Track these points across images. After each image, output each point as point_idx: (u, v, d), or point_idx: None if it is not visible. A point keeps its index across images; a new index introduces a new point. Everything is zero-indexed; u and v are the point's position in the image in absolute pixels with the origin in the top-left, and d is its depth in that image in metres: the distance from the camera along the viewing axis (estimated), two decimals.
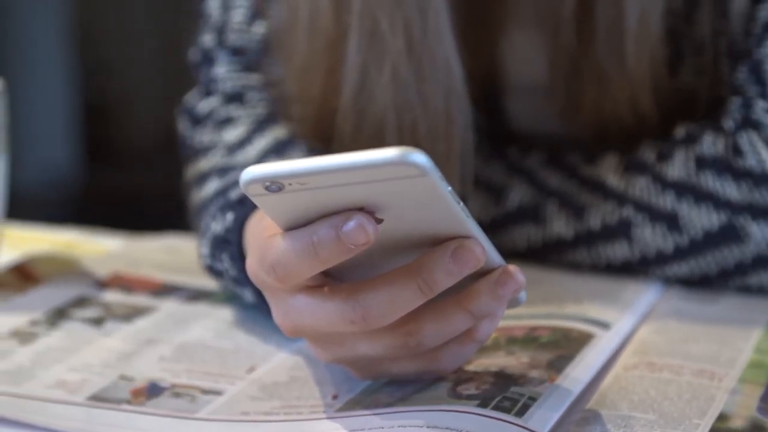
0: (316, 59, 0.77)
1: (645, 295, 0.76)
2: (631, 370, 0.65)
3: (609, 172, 0.79)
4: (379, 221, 0.54)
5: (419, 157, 0.50)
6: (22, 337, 0.71)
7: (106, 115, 3.46)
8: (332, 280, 0.58)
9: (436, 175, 0.51)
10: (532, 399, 0.59)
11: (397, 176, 0.51)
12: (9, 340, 0.70)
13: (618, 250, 0.78)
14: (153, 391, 0.64)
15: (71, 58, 3.30)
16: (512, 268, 0.58)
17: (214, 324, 0.73)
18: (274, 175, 0.52)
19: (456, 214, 0.54)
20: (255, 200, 0.54)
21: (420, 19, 0.74)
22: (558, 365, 0.63)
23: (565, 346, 0.66)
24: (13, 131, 0.82)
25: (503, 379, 0.61)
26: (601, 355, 0.66)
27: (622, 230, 0.77)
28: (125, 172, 3.33)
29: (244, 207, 0.71)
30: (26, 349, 0.69)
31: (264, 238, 0.57)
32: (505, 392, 0.59)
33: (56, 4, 3.26)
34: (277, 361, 0.68)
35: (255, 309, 0.74)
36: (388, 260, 0.57)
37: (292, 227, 0.55)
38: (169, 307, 0.76)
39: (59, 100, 3.25)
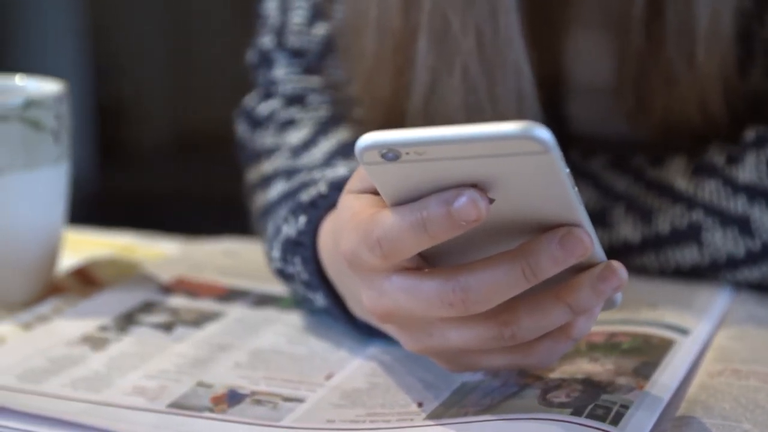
0: (385, 61, 0.76)
1: (718, 299, 0.75)
2: (716, 377, 0.64)
3: (677, 175, 0.78)
4: (490, 201, 0.53)
5: (544, 133, 0.49)
6: (94, 342, 0.70)
7: (119, 116, 3.46)
8: (427, 265, 0.57)
9: (557, 154, 0.50)
10: (624, 407, 0.58)
11: (518, 152, 0.50)
12: (81, 345, 0.70)
13: (687, 255, 0.77)
14: (233, 398, 0.63)
15: (84, 60, 3.30)
16: (615, 263, 0.56)
17: (284, 329, 0.73)
18: (394, 143, 0.51)
19: (569, 199, 0.53)
20: (367, 169, 0.53)
21: (491, 20, 0.73)
22: (644, 372, 0.63)
23: (647, 352, 0.65)
24: None
25: (592, 386, 0.60)
26: (684, 361, 0.65)
27: (691, 234, 0.77)
28: (138, 172, 3.33)
29: (317, 209, 0.70)
30: (100, 354, 0.68)
31: (368, 214, 0.56)
32: (596, 400, 0.59)
33: (69, 5, 3.25)
34: (354, 368, 0.67)
35: (323, 314, 0.73)
36: (489, 247, 0.55)
37: (399, 202, 0.54)
38: (236, 312, 0.76)
39: (72, 101, 3.24)
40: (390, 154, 0.51)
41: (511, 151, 0.50)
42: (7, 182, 0.74)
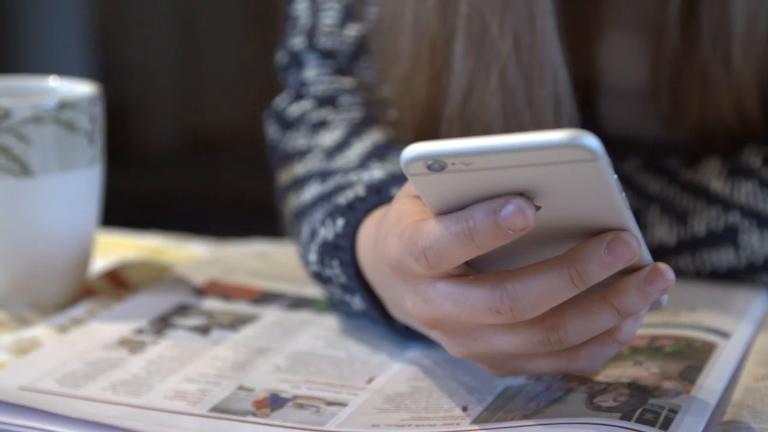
0: (421, 64, 0.75)
1: (756, 302, 0.74)
2: (761, 381, 0.63)
3: (712, 176, 0.78)
4: (536, 209, 0.52)
5: (592, 141, 0.49)
6: (131, 346, 0.70)
7: (126, 117, 3.45)
8: (472, 271, 0.57)
9: (605, 161, 0.50)
10: (673, 411, 0.58)
11: (566, 160, 0.50)
12: (119, 349, 0.69)
13: (723, 257, 0.77)
14: (275, 402, 0.63)
15: (91, 61, 3.29)
16: (662, 266, 0.56)
17: (322, 333, 0.72)
18: (440, 154, 0.50)
19: (617, 204, 0.53)
20: (412, 180, 0.52)
21: (529, 23, 0.73)
22: (689, 376, 0.62)
23: (690, 356, 0.65)
24: None
25: (639, 390, 0.60)
26: (727, 365, 0.65)
27: (728, 236, 0.76)
28: (145, 173, 3.33)
29: (355, 212, 0.69)
30: (137, 358, 0.68)
31: (413, 221, 0.55)
32: (644, 404, 0.58)
33: (78, 7, 3.25)
34: (395, 371, 0.66)
35: (360, 317, 0.73)
36: (535, 252, 0.55)
37: (444, 211, 0.54)
38: (272, 315, 0.75)
39: None
40: (436, 165, 0.51)
41: (559, 160, 0.50)
42: (41, 184, 0.73)
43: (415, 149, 0.51)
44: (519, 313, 0.54)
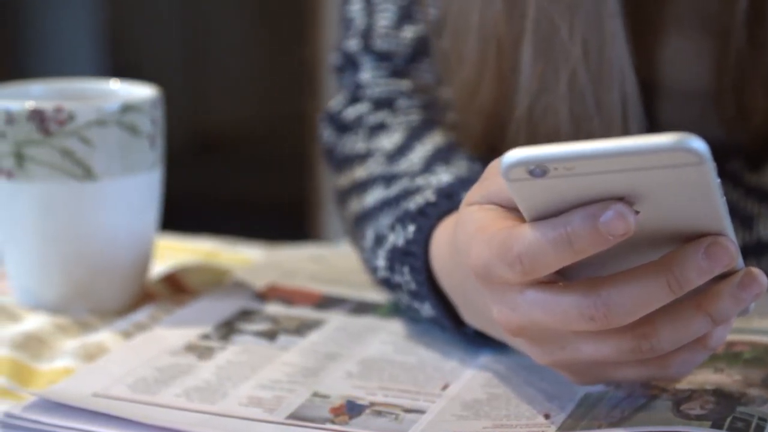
0: (488, 68, 0.74)
1: None
2: None
3: None
4: (635, 213, 0.51)
5: (699, 144, 0.48)
6: (199, 351, 0.69)
7: None
8: (560, 278, 0.56)
9: (711, 165, 0.49)
10: (763, 420, 0.57)
11: (671, 164, 0.49)
12: (187, 355, 0.68)
13: None
14: (353, 409, 0.62)
15: (100, 62, 3.28)
16: (755, 270, 0.55)
17: (390, 338, 0.71)
18: (544, 159, 0.49)
19: (717, 208, 0.52)
20: (510, 185, 0.51)
21: (597, 25, 0.72)
22: None
23: None
24: None
25: (725, 398, 0.59)
26: None
27: None
28: None
29: (427, 218, 0.68)
30: (207, 364, 0.67)
31: (501, 228, 0.54)
32: (732, 412, 0.57)
33: (87, 8, 3.24)
34: (469, 378, 0.66)
35: (426, 322, 0.72)
36: (627, 258, 0.54)
37: (539, 217, 0.53)
38: (336, 320, 0.74)
39: None
40: (538, 170, 0.50)
41: (663, 163, 0.49)
42: (104, 187, 0.73)
43: (517, 154, 0.50)
44: (614, 319, 0.53)
